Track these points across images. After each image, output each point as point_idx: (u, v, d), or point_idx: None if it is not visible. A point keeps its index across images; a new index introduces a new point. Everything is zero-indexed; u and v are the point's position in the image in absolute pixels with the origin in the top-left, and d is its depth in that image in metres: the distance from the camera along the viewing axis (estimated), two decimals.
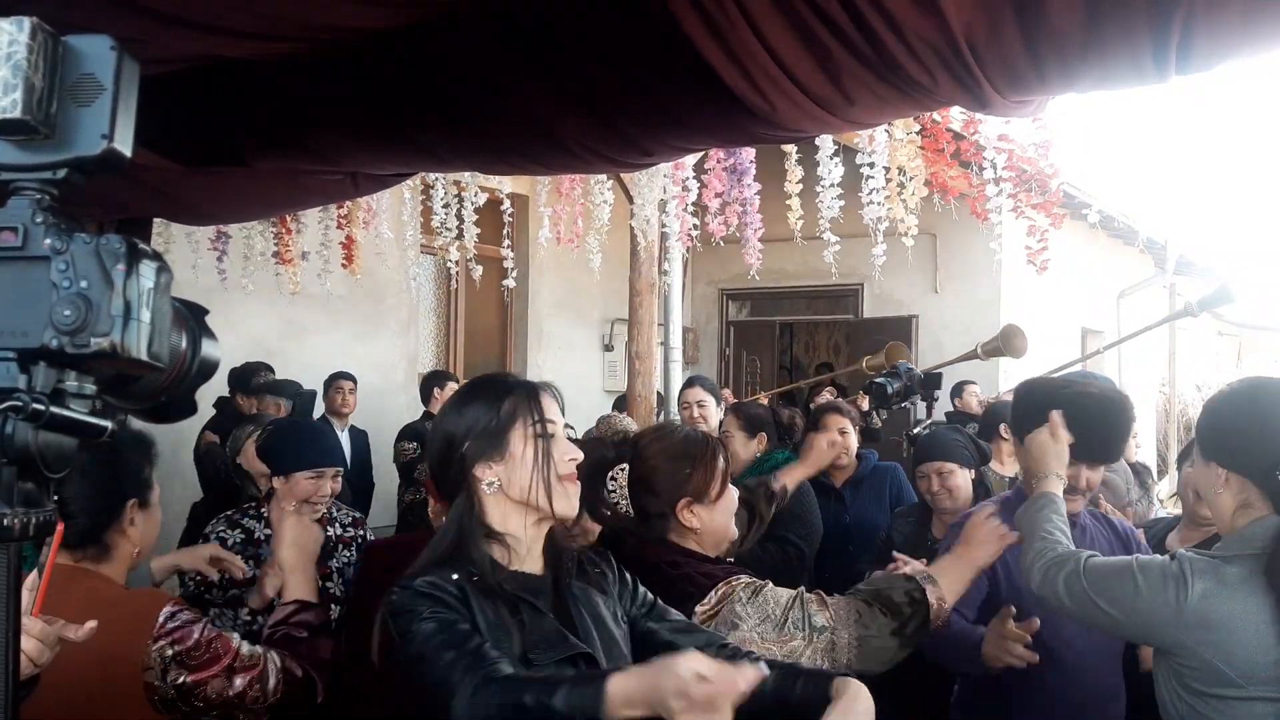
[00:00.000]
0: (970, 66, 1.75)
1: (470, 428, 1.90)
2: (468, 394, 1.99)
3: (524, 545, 1.91)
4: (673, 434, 2.51)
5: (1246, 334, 22.93)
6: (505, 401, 1.90)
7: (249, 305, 6.72)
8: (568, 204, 5.71)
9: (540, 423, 1.90)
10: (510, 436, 1.89)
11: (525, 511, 1.91)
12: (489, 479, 1.88)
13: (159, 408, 0.90)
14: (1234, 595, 1.95)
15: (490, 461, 1.89)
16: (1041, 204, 4.48)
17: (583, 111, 2.48)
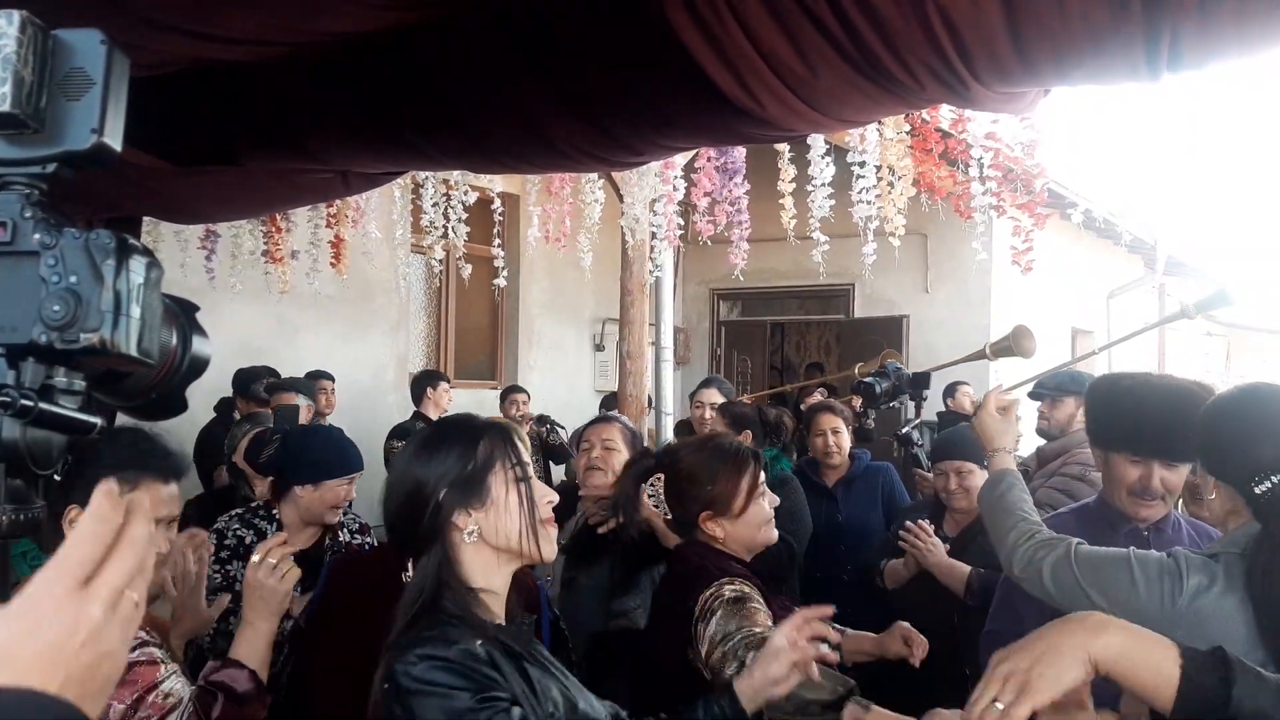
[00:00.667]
0: (953, 61, 1.75)
1: (444, 474, 1.79)
2: (436, 438, 1.87)
3: (499, 598, 1.83)
4: (704, 447, 2.54)
5: (1236, 334, 23.03)
6: (480, 444, 1.82)
7: (238, 304, 6.70)
8: (557, 203, 5.71)
9: (519, 465, 1.83)
10: (490, 481, 1.80)
11: (503, 559, 1.82)
12: (469, 527, 1.78)
13: (148, 405, 0.89)
14: (1223, 594, 1.95)
15: (470, 509, 1.79)
16: (1026, 204, 4.47)
17: (573, 111, 2.48)
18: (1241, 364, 22.23)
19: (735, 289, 11.47)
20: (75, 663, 0.72)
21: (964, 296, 10.30)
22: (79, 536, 0.75)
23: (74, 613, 0.73)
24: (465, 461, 1.79)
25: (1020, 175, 4.33)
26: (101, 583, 0.74)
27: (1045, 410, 4.68)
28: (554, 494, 1.88)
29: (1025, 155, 4.24)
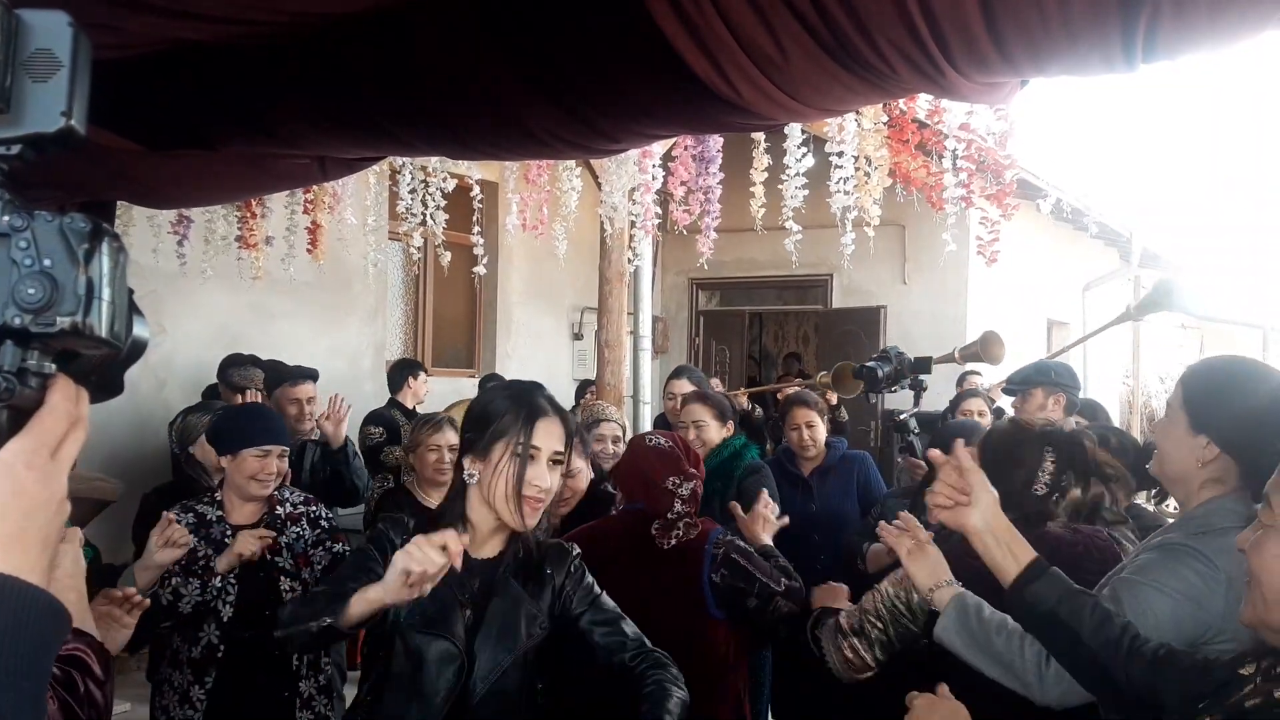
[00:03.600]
0: (929, 48, 1.75)
1: (477, 419, 2.18)
2: (500, 389, 2.29)
3: (482, 535, 2.20)
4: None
5: (1210, 327, 23.22)
6: (508, 414, 2.14)
7: (213, 291, 6.66)
8: (535, 191, 5.69)
9: (524, 445, 2.12)
10: (495, 445, 2.13)
11: (488, 511, 2.16)
12: (470, 470, 2.15)
13: (88, 388, 0.89)
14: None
15: (475, 457, 2.15)
16: (995, 194, 4.49)
17: (550, 98, 2.48)
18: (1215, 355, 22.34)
19: (714, 279, 11.48)
20: (50, 526, 0.80)
21: (941, 288, 10.35)
22: (53, 412, 0.81)
23: (52, 479, 0.80)
24: (494, 419, 2.14)
25: (991, 166, 4.35)
26: (65, 455, 0.82)
27: (1018, 405, 4.73)
28: (548, 483, 2.15)
29: (997, 146, 4.25)
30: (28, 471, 0.79)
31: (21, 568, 0.77)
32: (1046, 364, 4.85)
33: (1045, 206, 5.35)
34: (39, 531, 0.79)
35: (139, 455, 6.04)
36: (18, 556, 0.77)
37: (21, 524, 0.78)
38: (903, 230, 10.30)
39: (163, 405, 6.27)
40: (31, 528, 0.79)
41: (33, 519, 0.79)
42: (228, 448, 3.26)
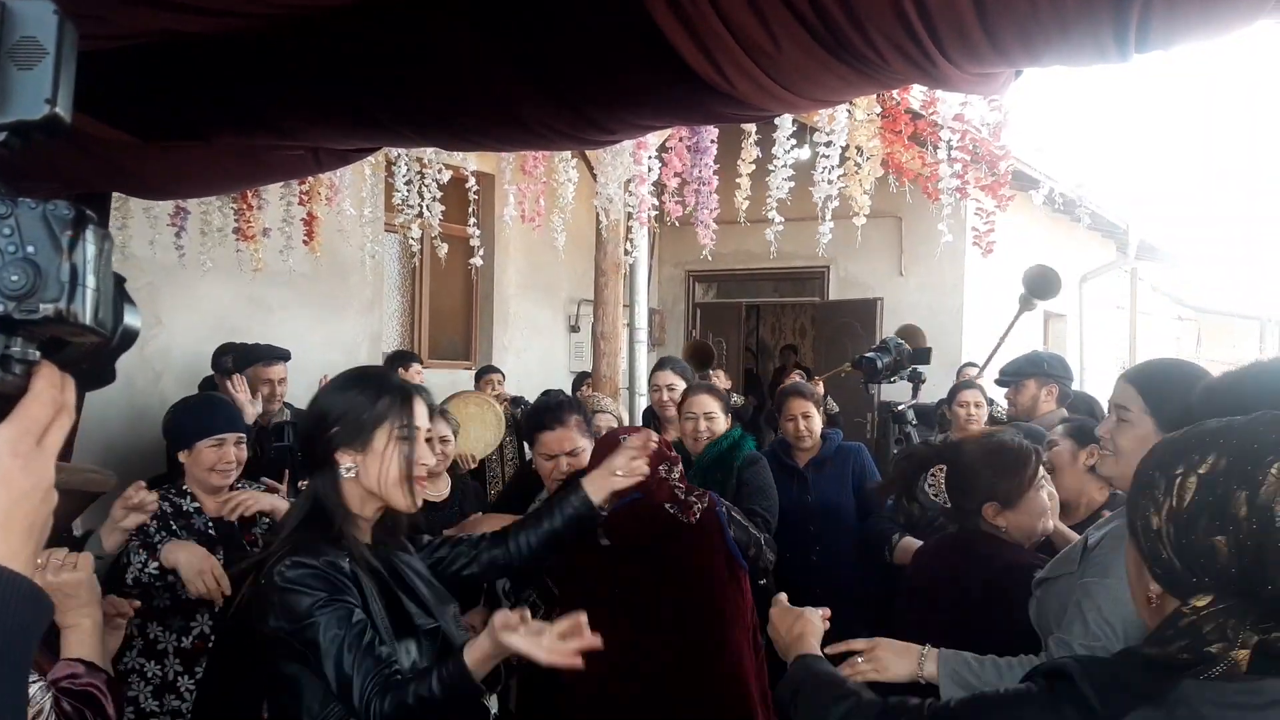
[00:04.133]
0: (921, 39, 1.75)
1: (343, 414, 2.13)
2: (350, 381, 2.20)
3: (365, 527, 2.18)
4: (989, 443, 2.81)
5: (1207, 318, 23.25)
6: (381, 400, 2.13)
7: (210, 283, 6.65)
8: (532, 182, 5.68)
9: (407, 427, 2.13)
10: (376, 433, 2.12)
11: (372, 499, 2.15)
12: (347, 464, 2.12)
13: (79, 376, 0.89)
14: None
15: (352, 450, 2.12)
16: (989, 185, 4.49)
17: (543, 89, 2.47)
18: (1212, 348, 22.43)
19: (711, 271, 11.49)
20: (37, 513, 0.81)
21: (938, 279, 10.36)
22: (38, 399, 0.81)
23: (37, 467, 0.81)
24: (363, 409, 2.12)
25: (985, 156, 4.35)
26: (51, 442, 0.82)
27: (1011, 396, 4.74)
28: (432, 458, 2.25)
29: (991, 137, 4.25)
30: (13, 459, 0.80)
31: (4, 555, 0.78)
32: (1039, 356, 4.86)
33: (1038, 197, 5.34)
34: (24, 519, 0.80)
35: (134, 447, 6.03)
36: (1, 544, 0.78)
37: (7, 511, 0.79)
38: (899, 222, 10.30)
39: (159, 397, 6.27)
40: (16, 515, 0.79)
41: (18, 506, 0.79)
42: (181, 442, 3.24)
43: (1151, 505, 1.25)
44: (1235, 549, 1.18)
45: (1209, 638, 1.19)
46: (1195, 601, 1.21)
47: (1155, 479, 1.26)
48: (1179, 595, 1.25)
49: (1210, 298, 21.89)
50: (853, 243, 5.27)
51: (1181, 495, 1.22)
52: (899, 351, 5.43)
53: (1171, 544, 1.23)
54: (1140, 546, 1.29)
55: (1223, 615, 1.19)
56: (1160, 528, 1.24)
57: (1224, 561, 1.19)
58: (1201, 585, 1.22)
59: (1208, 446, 1.23)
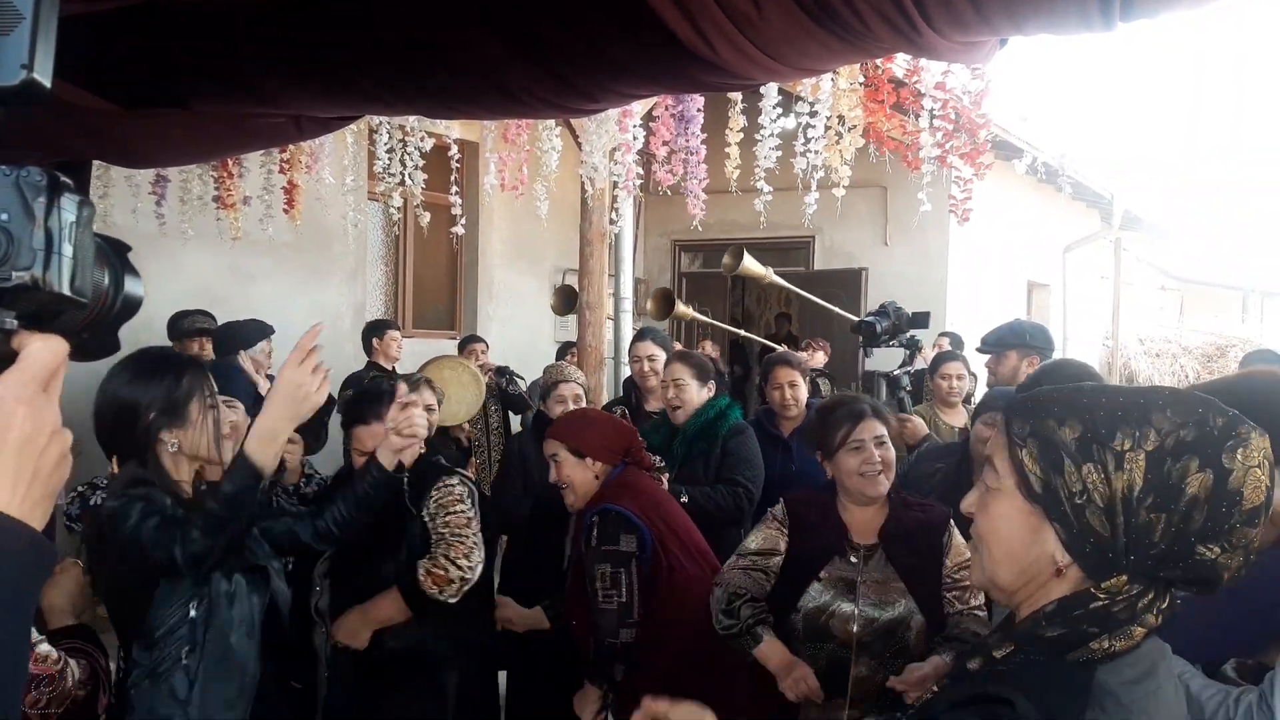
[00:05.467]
0: (907, 8, 1.74)
1: (155, 398, 2.37)
2: (147, 367, 2.43)
3: (188, 485, 2.45)
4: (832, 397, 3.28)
5: (1190, 288, 23.35)
6: (185, 379, 2.41)
7: (190, 251, 6.61)
8: (515, 150, 5.64)
9: (212, 395, 2.44)
10: (190, 407, 2.40)
11: (193, 463, 2.45)
12: (170, 441, 2.38)
13: (81, 345, 0.89)
14: None
15: (173, 428, 2.39)
16: (969, 153, 4.48)
17: (527, 55, 2.45)
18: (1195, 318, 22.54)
19: (697, 240, 11.47)
20: (44, 458, 0.81)
21: (922, 249, 10.38)
22: (42, 348, 0.82)
23: (41, 412, 0.81)
24: (173, 390, 2.38)
25: (966, 125, 4.34)
26: (55, 388, 0.83)
27: (992, 365, 4.76)
28: (234, 415, 2.64)
29: (973, 105, 4.24)
30: (16, 405, 0.80)
31: (5, 501, 0.78)
32: (1021, 326, 4.87)
33: (1021, 166, 5.33)
34: (29, 464, 0.80)
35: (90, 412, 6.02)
36: (5, 491, 0.78)
37: (13, 457, 0.79)
38: (884, 192, 10.30)
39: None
40: (23, 461, 0.79)
41: (23, 452, 0.79)
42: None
43: (1097, 479, 1.19)
44: (1173, 528, 1.17)
45: (1119, 618, 1.19)
46: (1109, 584, 1.20)
47: (1097, 452, 1.20)
48: (1095, 573, 1.22)
49: (1194, 268, 21.98)
50: (836, 213, 5.26)
51: (1133, 472, 1.18)
52: (898, 316, 5.45)
53: (1120, 523, 1.19)
54: (1063, 518, 1.22)
55: (1136, 598, 1.20)
56: (1109, 505, 1.19)
57: (1155, 539, 1.18)
58: (1117, 564, 1.20)
59: (1143, 419, 1.19)
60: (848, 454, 2.92)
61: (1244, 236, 25.46)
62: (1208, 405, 1.20)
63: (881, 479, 2.90)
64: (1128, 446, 1.19)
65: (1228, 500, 1.16)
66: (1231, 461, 1.16)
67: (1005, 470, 1.29)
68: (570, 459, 3.21)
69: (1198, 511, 1.16)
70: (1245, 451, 1.16)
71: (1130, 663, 1.20)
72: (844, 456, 2.92)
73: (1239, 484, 1.16)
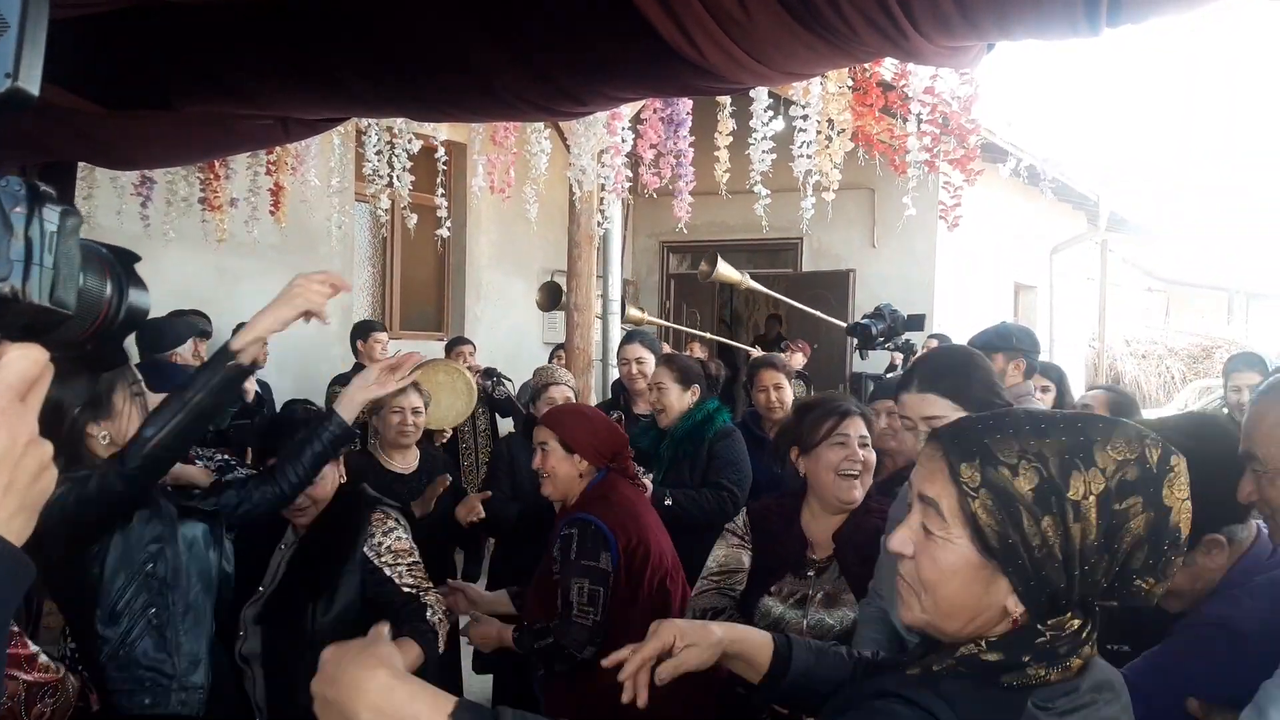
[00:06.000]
0: (894, 12, 1.75)
1: (78, 396, 2.37)
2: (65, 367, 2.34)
3: None
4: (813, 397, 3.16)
5: (1175, 290, 23.46)
6: (105, 372, 2.36)
7: (176, 253, 6.58)
8: (502, 153, 5.64)
9: (136, 384, 2.50)
10: (114, 398, 2.43)
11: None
12: (102, 434, 2.42)
13: (84, 356, 0.88)
14: None
15: (100, 420, 2.42)
16: (958, 159, 4.47)
17: (515, 58, 2.45)
18: (1181, 319, 22.64)
19: (685, 242, 11.47)
20: (20, 469, 0.79)
21: (909, 251, 10.40)
22: (19, 357, 0.80)
23: (16, 422, 0.79)
24: (92, 384, 2.39)
25: (955, 130, 4.33)
26: (35, 397, 0.81)
27: None
28: (155, 398, 2.52)
29: (961, 111, 4.23)
30: None
31: None
32: (1008, 328, 4.88)
33: (1005, 170, 5.35)
34: (3, 476, 0.78)
35: None
36: None
37: None
38: (872, 194, 10.32)
39: None
40: (7, 462, 0.78)
41: (8, 456, 0.78)
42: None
43: (1054, 532, 1.16)
44: (1118, 565, 1.17)
45: (1060, 651, 1.18)
46: (1055, 620, 1.19)
47: (1055, 504, 1.16)
48: (1041, 614, 1.20)
49: (1179, 269, 22.08)
50: (825, 215, 5.26)
51: (1088, 520, 1.15)
52: (893, 318, 5.46)
53: (1078, 573, 1.17)
54: (1020, 570, 1.18)
55: (1077, 633, 1.19)
56: (1068, 555, 1.16)
57: (1099, 578, 1.18)
58: (1069, 605, 1.19)
59: (1089, 461, 1.16)
60: (830, 448, 2.83)
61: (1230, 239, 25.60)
62: (1142, 438, 1.18)
63: (858, 485, 2.82)
64: (1081, 494, 1.15)
65: (1169, 537, 1.16)
66: (1170, 498, 1.16)
67: (954, 520, 1.22)
68: (558, 450, 3.17)
69: (1139, 550, 1.16)
70: (1179, 484, 1.17)
71: (1065, 691, 1.18)
72: (825, 450, 2.83)
73: (1176, 520, 1.16)
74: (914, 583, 1.28)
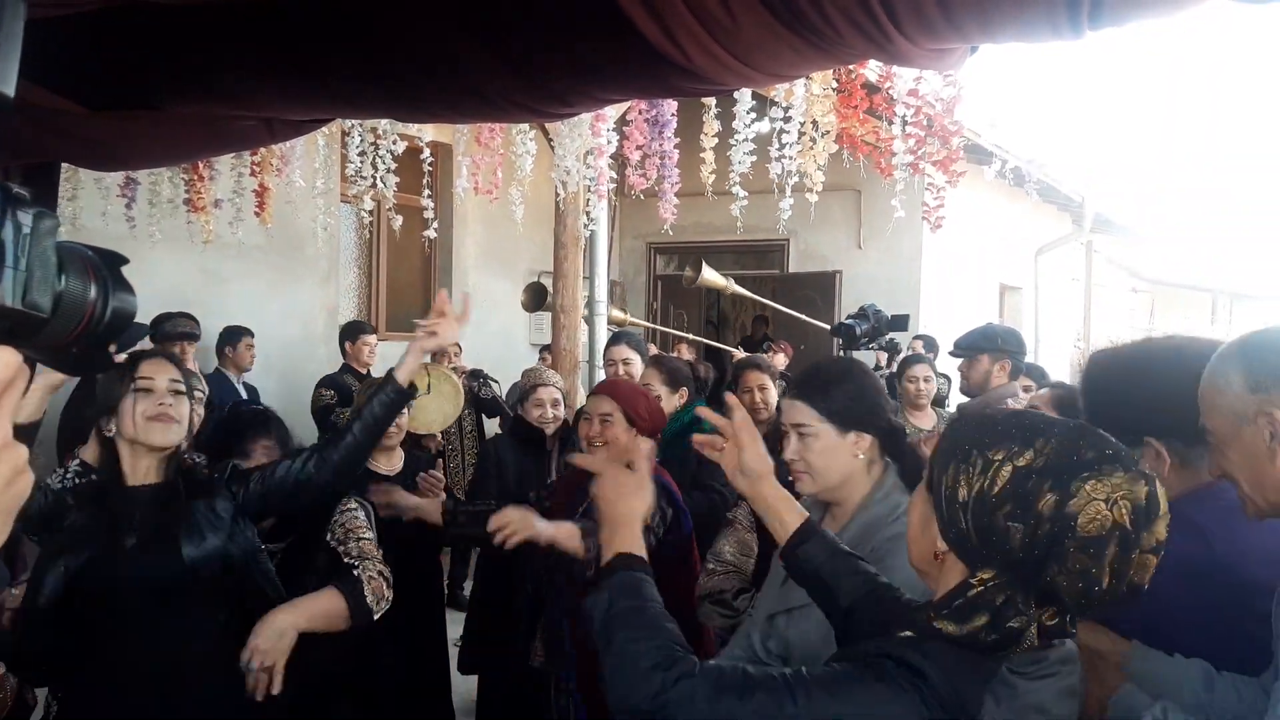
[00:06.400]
0: (878, 15, 1.75)
1: (88, 397, 2.60)
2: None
3: (135, 466, 2.58)
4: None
5: (1160, 290, 23.56)
6: (113, 368, 2.53)
7: (161, 255, 6.55)
8: (488, 154, 5.62)
9: (136, 379, 2.57)
10: (114, 392, 2.56)
11: (130, 444, 2.57)
12: (108, 429, 2.58)
13: (69, 360, 0.87)
14: None
15: (107, 415, 2.57)
16: (942, 160, 4.48)
17: (500, 59, 2.45)
18: (1165, 320, 22.72)
19: (672, 243, 11.47)
20: None
21: (896, 252, 10.42)
22: None
23: None
24: (102, 386, 2.61)
25: (939, 132, 4.34)
26: (8, 402, 0.79)
27: (964, 370, 4.78)
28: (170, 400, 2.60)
29: (945, 112, 4.24)
30: None
31: None
32: (993, 330, 4.90)
33: (990, 173, 5.36)
34: None
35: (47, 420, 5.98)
36: None
37: None
38: (858, 195, 10.34)
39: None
40: None
41: None
42: None
43: (962, 477, 1.37)
44: (1028, 539, 1.30)
45: (1005, 613, 1.30)
46: (981, 574, 1.34)
47: (971, 455, 1.37)
48: (966, 562, 1.38)
49: (1164, 270, 22.17)
50: (810, 217, 5.26)
51: (994, 480, 1.33)
52: (877, 319, 5.48)
53: (971, 519, 1.35)
54: (939, 508, 1.41)
55: (1008, 588, 1.31)
56: (966, 501, 1.36)
57: (1013, 546, 1.31)
58: (988, 560, 1.34)
59: (1029, 441, 1.34)
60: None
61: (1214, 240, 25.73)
62: (1091, 439, 1.33)
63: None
64: (999, 458, 1.34)
65: (1062, 523, 1.27)
66: (1078, 489, 1.27)
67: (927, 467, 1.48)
68: (622, 421, 3.39)
69: (1041, 529, 1.29)
70: (1096, 484, 1.27)
71: (1034, 660, 1.40)
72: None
73: (1076, 510, 1.27)
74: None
